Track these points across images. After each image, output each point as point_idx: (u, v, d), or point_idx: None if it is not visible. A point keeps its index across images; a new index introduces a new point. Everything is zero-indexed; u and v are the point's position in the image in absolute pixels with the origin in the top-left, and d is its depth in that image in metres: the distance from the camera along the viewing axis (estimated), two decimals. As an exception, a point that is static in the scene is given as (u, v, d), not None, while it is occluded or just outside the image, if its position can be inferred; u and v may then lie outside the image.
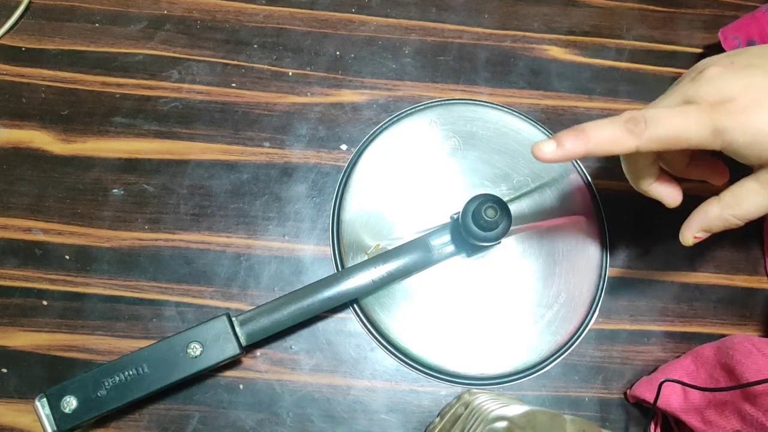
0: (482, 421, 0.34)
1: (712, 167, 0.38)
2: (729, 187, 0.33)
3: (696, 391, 0.38)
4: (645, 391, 0.40)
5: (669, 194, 0.37)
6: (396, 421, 0.41)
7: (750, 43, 0.47)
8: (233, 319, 0.38)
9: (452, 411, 0.39)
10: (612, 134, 0.32)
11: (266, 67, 0.49)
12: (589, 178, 0.47)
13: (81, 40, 0.48)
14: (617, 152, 0.32)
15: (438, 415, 0.41)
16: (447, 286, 0.43)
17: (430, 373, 0.42)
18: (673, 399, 0.39)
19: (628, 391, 0.42)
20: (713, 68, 0.32)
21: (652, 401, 0.39)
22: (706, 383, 0.39)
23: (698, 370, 0.40)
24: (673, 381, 0.38)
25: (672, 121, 0.31)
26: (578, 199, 0.46)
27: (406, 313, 0.43)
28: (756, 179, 0.32)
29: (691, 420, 0.38)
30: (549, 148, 0.33)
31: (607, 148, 0.32)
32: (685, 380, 0.39)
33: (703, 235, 0.35)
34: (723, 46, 0.48)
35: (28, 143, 0.45)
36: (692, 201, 0.36)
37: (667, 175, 0.37)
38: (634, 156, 0.35)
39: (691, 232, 0.34)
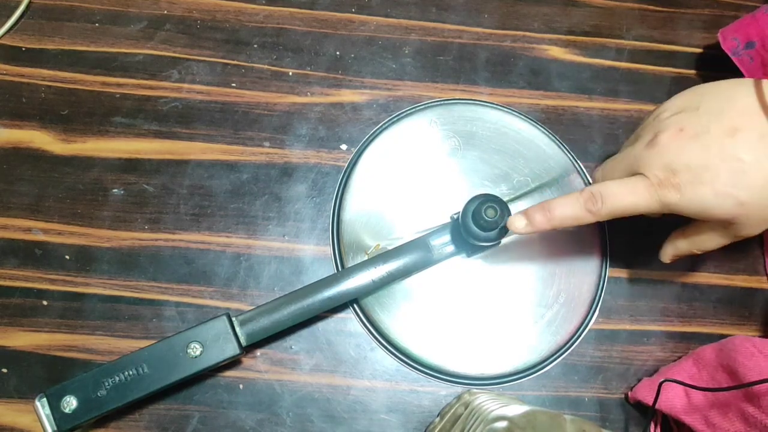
0: (482, 421, 0.34)
1: None
2: (691, 226, 0.39)
3: (698, 393, 0.38)
4: (646, 393, 0.40)
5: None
6: (396, 421, 0.41)
7: (749, 44, 0.47)
8: (233, 319, 0.38)
9: (452, 411, 0.39)
10: (573, 212, 0.37)
11: (266, 67, 0.49)
12: (589, 179, 0.47)
13: (81, 40, 0.48)
14: (578, 225, 0.37)
15: (438, 415, 0.41)
16: (447, 286, 0.43)
17: (430, 373, 0.42)
18: (676, 401, 0.39)
19: (629, 393, 0.42)
20: (664, 135, 0.35)
21: (658, 406, 0.39)
22: (708, 385, 0.38)
23: (700, 372, 0.40)
24: (673, 381, 0.38)
25: (625, 199, 0.35)
26: (578, 199, 0.46)
27: (406, 313, 0.43)
28: (713, 230, 0.37)
29: (694, 422, 0.38)
30: (520, 223, 0.38)
31: (569, 224, 0.37)
32: (687, 383, 0.38)
33: (677, 259, 0.41)
34: (722, 46, 0.48)
35: (28, 143, 0.45)
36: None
37: None
38: None
39: (667, 257, 0.41)
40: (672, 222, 0.47)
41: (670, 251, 0.40)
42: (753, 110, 0.34)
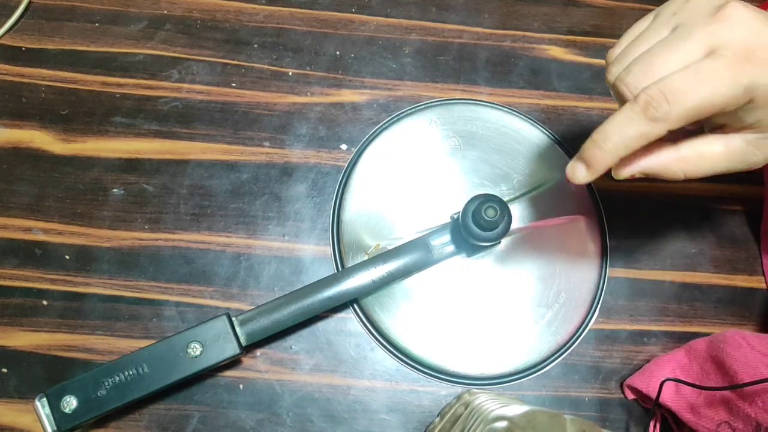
0: (482, 421, 0.34)
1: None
2: (690, 140, 0.30)
3: (687, 385, 0.39)
4: (640, 383, 0.41)
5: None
6: (396, 421, 0.41)
7: None
8: (233, 319, 0.38)
9: (452, 411, 0.39)
10: (636, 130, 0.28)
11: (266, 66, 0.49)
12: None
13: (81, 40, 0.48)
14: (646, 143, 0.28)
15: (438, 415, 0.41)
16: (447, 286, 0.43)
17: (430, 373, 0.42)
18: (665, 391, 0.39)
19: (624, 383, 0.42)
20: (737, 8, 0.28)
21: (648, 393, 0.40)
22: (698, 376, 0.39)
23: (691, 363, 0.40)
24: (673, 380, 0.39)
25: (701, 91, 0.27)
26: (578, 199, 0.46)
27: (406, 313, 0.43)
28: (726, 144, 0.30)
29: (682, 411, 0.39)
30: (580, 172, 0.30)
31: (636, 146, 0.29)
32: (678, 373, 0.40)
33: (640, 176, 0.31)
34: None
35: (28, 143, 0.45)
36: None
37: None
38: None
39: (631, 170, 0.31)
40: (673, 223, 0.47)
41: (643, 163, 0.30)
42: None
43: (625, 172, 0.30)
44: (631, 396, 0.42)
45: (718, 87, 0.27)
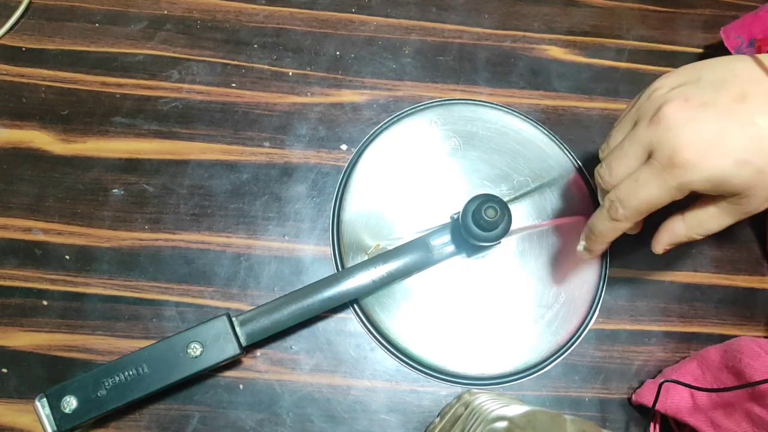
0: (482, 421, 0.34)
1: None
2: (692, 208, 0.36)
3: (703, 394, 0.38)
4: (650, 395, 0.40)
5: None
6: (396, 421, 0.41)
7: (752, 41, 0.47)
8: (233, 319, 0.38)
9: (452, 411, 0.39)
10: (608, 227, 0.36)
11: (266, 67, 0.49)
12: (589, 179, 0.47)
13: (81, 40, 0.48)
14: (621, 232, 0.37)
15: (438, 415, 0.41)
16: (447, 286, 0.43)
17: (430, 373, 0.42)
18: (681, 403, 0.38)
19: (632, 396, 0.42)
20: (669, 108, 0.33)
21: (658, 407, 0.39)
22: (713, 386, 0.38)
23: (704, 374, 0.39)
24: (673, 381, 0.38)
25: (641, 196, 0.34)
26: (578, 199, 0.46)
27: (406, 313, 0.43)
28: (717, 207, 0.35)
29: (700, 424, 0.38)
30: (585, 256, 0.40)
31: (613, 236, 0.37)
32: (692, 384, 0.38)
33: (671, 247, 0.38)
34: (726, 44, 0.48)
35: (28, 143, 0.45)
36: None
37: None
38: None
39: (661, 246, 0.38)
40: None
41: (665, 239, 0.37)
42: (756, 77, 0.32)
43: (659, 249, 0.38)
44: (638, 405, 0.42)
45: (652, 191, 0.33)
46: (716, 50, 0.49)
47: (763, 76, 0.32)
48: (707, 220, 0.35)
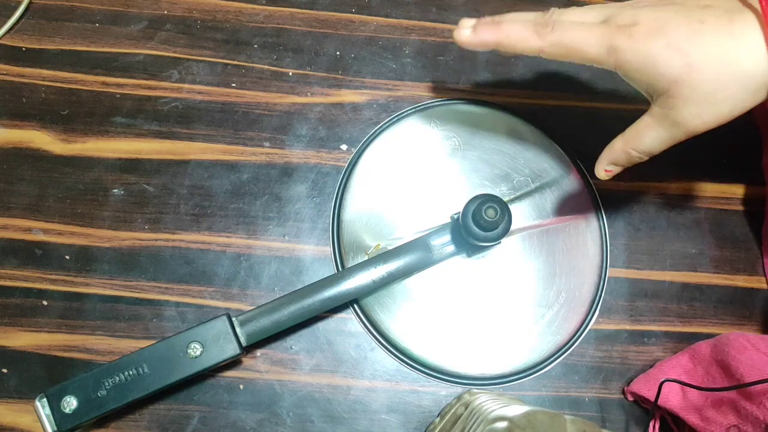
0: (482, 421, 0.34)
1: None
2: (632, 125, 0.36)
3: (694, 389, 0.38)
4: (643, 387, 0.41)
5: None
6: (396, 421, 0.41)
7: None
8: (233, 319, 0.38)
9: (452, 411, 0.39)
10: (520, 32, 0.35)
11: (266, 67, 0.49)
12: (589, 178, 0.47)
13: (81, 40, 0.48)
14: (523, 51, 0.35)
15: (438, 415, 0.41)
16: (447, 286, 0.43)
17: (430, 373, 0.42)
18: (671, 397, 0.39)
19: (625, 388, 0.42)
20: None
21: (650, 398, 0.39)
22: (703, 380, 0.39)
23: (695, 368, 0.40)
24: (674, 381, 0.38)
25: (576, 33, 0.34)
26: (578, 199, 0.46)
27: (406, 313, 0.43)
28: (650, 114, 0.34)
29: (690, 417, 0.38)
30: (465, 31, 0.37)
31: (513, 44, 0.35)
32: (683, 377, 0.39)
33: (613, 168, 0.37)
34: None
35: (28, 143, 0.45)
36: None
37: None
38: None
39: (601, 166, 0.37)
40: (673, 223, 0.47)
41: (605, 156, 0.37)
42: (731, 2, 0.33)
43: (599, 171, 0.38)
44: (632, 399, 0.42)
45: (588, 38, 0.34)
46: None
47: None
48: (642, 131, 0.35)
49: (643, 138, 0.35)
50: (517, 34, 0.35)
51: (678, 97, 0.33)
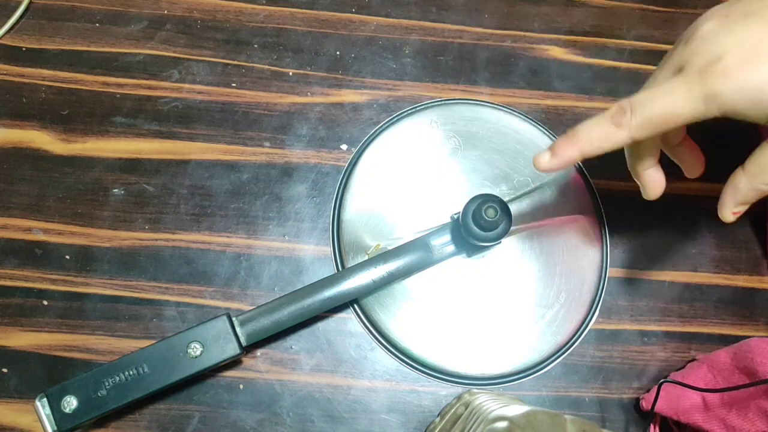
0: (482, 421, 0.34)
1: (694, 154, 0.37)
2: (750, 157, 0.32)
3: (714, 397, 0.37)
4: (667, 408, 0.39)
5: (656, 183, 0.36)
6: (396, 421, 0.41)
7: None
8: (233, 319, 0.38)
9: (452, 411, 0.39)
10: (601, 131, 0.31)
11: (266, 67, 0.49)
12: (590, 178, 0.47)
13: (81, 40, 0.48)
14: (612, 148, 0.31)
15: (438, 415, 0.41)
16: (447, 286, 0.43)
17: (431, 373, 0.42)
18: (693, 409, 0.38)
19: (642, 401, 0.41)
20: (707, 24, 0.30)
21: (677, 418, 0.38)
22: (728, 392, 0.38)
23: (715, 378, 0.39)
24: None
25: (660, 103, 0.30)
26: (578, 199, 0.46)
27: (406, 313, 0.43)
28: None
29: (714, 427, 0.37)
30: (545, 158, 0.33)
31: (599, 146, 0.32)
32: (707, 393, 0.38)
33: (740, 209, 0.33)
34: None
35: (29, 143, 0.45)
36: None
37: (690, 140, 0.37)
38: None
39: (728, 209, 0.33)
40: (672, 222, 0.47)
41: (729, 198, 0.32)
42: None
43: (727, 214, 0.33)
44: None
45: (673, 99, 0.29)
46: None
47: None
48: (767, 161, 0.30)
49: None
50: (598, 135, 0.31)
51: None
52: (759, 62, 0.27)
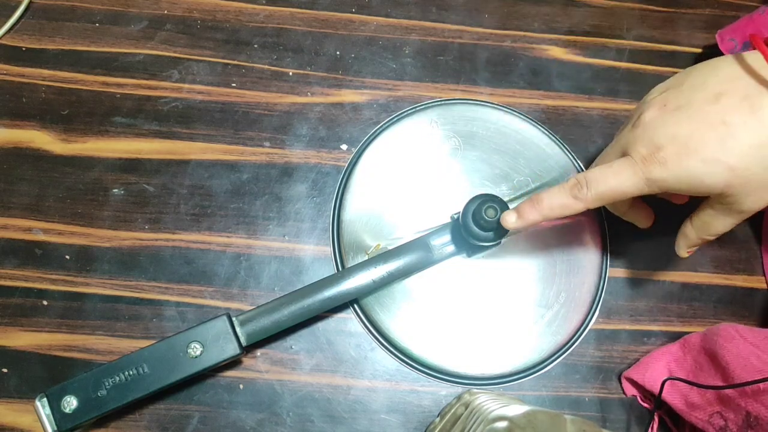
0: (482, 421, 0.34)
1: (643, 213, 0.42)
2: (696, 212, 0.37)
3: (680, 372, 0.40)
4: (636, 374, 0.42)
5: (641, 218, 0.42)
6: (396, 421, 0.41)
7: (746, 44, 0.47)
8: (233, 319, 0.38)
9: (452, 411, 0.39)
10: (560, 201, 0.36)
11: (266, 67, 0.49)
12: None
13: (81, 40, 0.48)
14: (570, 215, 0.36)
15: (438, 415, 0.41)
16: (447, 286, 0.43)
17: (431, 373, 0.42)
18: (659, 384, 0.39)
19: (621, 376, 0.43)
20: (648, 113, 0.35)
21: (642, 383, 0.41)
22: (692, 368, 0.40)
23: (685, 356, 0.41)
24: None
25: (610, 182, 0.35)
26: (578, 199, 0.46)
27: (406, 313, 0.43)
28: (712, 208, 0.35)
29: (675, 402, 0.39)
30: (511, 218, 0.38)
31: (559, 213, 0.36)
32: (672, 365, 0.41)
33: (693, 250, 0.39)
34: (720, 47, 0.48)
35: (29, 143, 0.45)
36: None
37: (640, 201, 0.41)
38: None
39: (683, 251, 0.39)
40: (672, 223, 0.47)
41: (682, 243, 0.39)
42: (735, 75, 0.33)
43: (682, 254, 0.39)
44: (629, 390, 0.42)
45: (623, 182, 0.34)
46: (716, 50, 0.49)
47: (742, 73, 0.33)
48: (710, 222, 0.36)
49: (714, 227, 0.36)
50: (558, 204, 0.36)
51: (734, 195, 0.33)
52: (689, 155, 0.32)
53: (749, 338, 0.37)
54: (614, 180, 0.34)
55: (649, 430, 0.41)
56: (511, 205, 0.41)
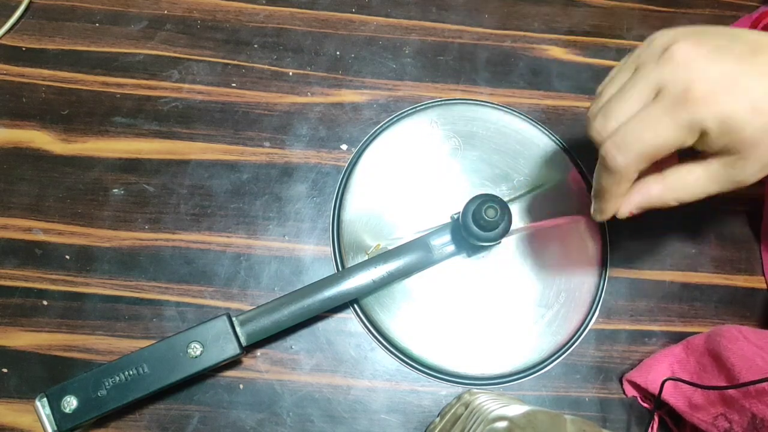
0: (482, 421, 0.34)
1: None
2: (675, 169, 0.32)
3: (684, 373, 0.39)
4: (638, 376, 0.41)
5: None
6: (396, 421, 0.41)
7: None
8: (233, 319, 0.38)
9: (452, 411, 0.39)
10: (607, 182, 0.32)
11: (266, 67, 0.49)
12: (590, 179, 0.47)
13: (81, 40, 0.48)
14: (624, 184, 0.32)
15: (438, 415, 0.41)
16: (447, 286, 0.43)
17: (431, 373, 0.42)
18: (660, 382, 0.39)
19: (623, 378, 0.43)
20: (681, 47, 0.30)
21: (644, 385, 0.40)
22: (695, 369, 0.39)
23: (688, 358, 0.40)
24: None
25: (646, 139, 0.30)
26: (578, 199, 0.46)
27: (406, 313, 0.43)
28: (706, 169, 0.31)
29: (678, 404, 0.39)
30: (597, 217, 0.34)
31: (615, 192, 0.32)
32: (675, 367, 0.40)
33: (639, 212, 0.34)
34: None
35: (29, 143, 0.45)
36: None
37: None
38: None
39: (628, 208, 0.33)
40: (672, 223, 0.47)
41: (636, 199, 0.33)
42: (764, 40, 0.30)
43: (623, 212, 0.33)
44: (630, 392, 0.42)
45: (661, 132, 0.29)
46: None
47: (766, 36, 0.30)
48: (692, 183, 0.32)
49: (691, 189, 0.32)
50: (606, 186, 0.32)
51: (751, 156, 0.30)
52: (735, 94, 0.28)
53: (753, 340, 0.37)
54: (650, 134, 0.29)
55: (649, 430, 0.41)
56: (511, 205, 0.41)
